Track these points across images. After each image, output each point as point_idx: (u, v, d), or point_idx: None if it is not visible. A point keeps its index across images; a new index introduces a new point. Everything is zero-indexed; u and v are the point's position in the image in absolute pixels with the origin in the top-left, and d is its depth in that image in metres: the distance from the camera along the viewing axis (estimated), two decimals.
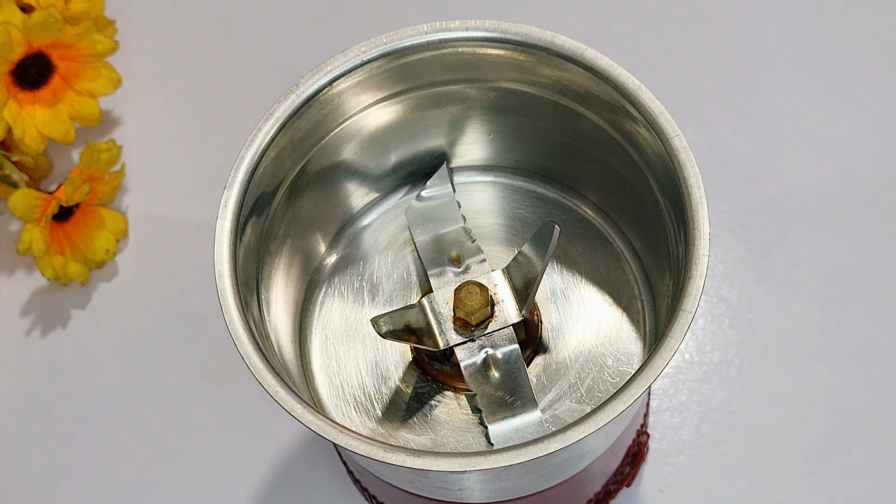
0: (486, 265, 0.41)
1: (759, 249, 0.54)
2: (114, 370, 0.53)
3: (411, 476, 0.39)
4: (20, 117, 0.52)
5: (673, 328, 0.35)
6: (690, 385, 0.51)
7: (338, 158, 0.42)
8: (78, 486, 0.51)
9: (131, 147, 0.57)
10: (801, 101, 0.56)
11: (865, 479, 0.49)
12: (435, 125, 0.43)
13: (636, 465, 0.48)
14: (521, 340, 0.40)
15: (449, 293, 0.39)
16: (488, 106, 0.42)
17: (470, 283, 0.39)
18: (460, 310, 0.39)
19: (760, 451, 0.50)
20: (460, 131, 0.44)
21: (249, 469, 0.51)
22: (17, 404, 0.53)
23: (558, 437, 0.34)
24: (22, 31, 0.51)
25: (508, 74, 0.41)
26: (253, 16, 0.60)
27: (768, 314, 0.52)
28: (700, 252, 0.36)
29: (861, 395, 0.51)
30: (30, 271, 0.55)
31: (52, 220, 0.52)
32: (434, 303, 0.40)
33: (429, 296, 0.40)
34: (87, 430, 0.52)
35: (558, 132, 0.42)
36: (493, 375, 0.39)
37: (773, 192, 0.55)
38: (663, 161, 0.38)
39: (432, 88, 0.42)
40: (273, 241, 0.41)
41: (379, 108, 0.42)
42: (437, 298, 0.40)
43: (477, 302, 0.39)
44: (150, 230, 0.56)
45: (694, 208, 0.37)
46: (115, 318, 0.54)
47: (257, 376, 0.36)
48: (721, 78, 0.57)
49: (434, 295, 0.40)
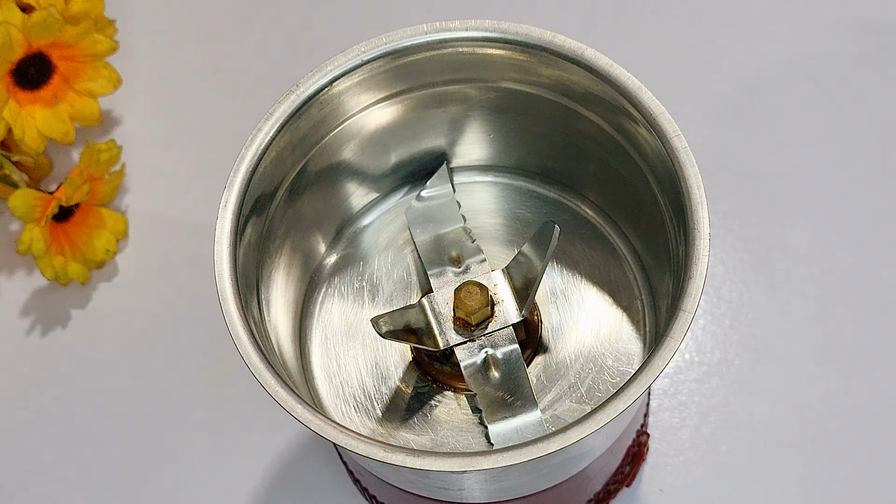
0: (486, 265, 0.41)
1: (759, 249, 0.54)
2: (114, 370, 0.53)
3: (411, 476, 0.39)
4: (20, 117, 0.52)
5: (673, 328, 0.35)
6: (690, 385, 0.51)
7: (338, 158, 0.42)
8: (78, 486, 0.51)
9: (131, 147, 0.57)
10: (801, 100, 0.56)
11: (865, 479, 0.49)
12: (435, 125, 0.43)
13: (636, 464, 0.48)
14: (521, 340, 0.40)
15: (449, 293, 0.39)
16: (488, 106, 0.42)
17: (470, 283, 0.39)
18: (460, 310, 0.39)
19: (760, 451, 0.50)
20: (460, 131, 0.44)
21: (249, 469, 0.51)
22: (17, 404, 0.53)
23: (558, 437, 0.34)
24: (22, 30, 0.51)
25: (508, 74, 0.41)
26: (253, 16, 0.60)
27: (768, 314, 0.52)
28: (700, 252, 0.36)
29: (861, 395, 0.51)
30: (30, 271, 0.55)
31: (52, 220, 0.52)
32: (434, 303, 0.40)
33: (429, 296, 0.40)
34: (86, 430, 0.52)
35: (558, 132, 0.42)
36: (493, 375, 0.39)
37: (773, 192, 0.55)
38: (663, 161, 0.38)
39: (432, 88, 0.42)
40: (273, 241, 0.41)
41: (379, 108, 0.42)
42: (437, 298, 0.40)
43: (477, 302, 0.39)
44: (150, 230, 0.56)
45: (694, 208, 0.37)
46: (115, 318, 0.54)
47: (257, 376, 0.36)
48: (721, 78, 0.57)
49: (434, 295, 0.40)
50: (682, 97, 0.56)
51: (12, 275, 0.55)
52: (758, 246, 0.54)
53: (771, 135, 0.56)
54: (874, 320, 0.52)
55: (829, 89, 0.57)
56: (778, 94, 0.57)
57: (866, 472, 0.50)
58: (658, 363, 0.35)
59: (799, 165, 0.55)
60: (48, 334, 0.54)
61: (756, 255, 0.54)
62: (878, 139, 0.55)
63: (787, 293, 0.53)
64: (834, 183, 0.55)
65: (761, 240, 0.54)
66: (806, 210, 0.54)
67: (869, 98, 0.56)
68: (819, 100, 0.56)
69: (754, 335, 0.52)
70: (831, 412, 0.50)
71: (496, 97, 0.42)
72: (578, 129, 0.41)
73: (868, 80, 0.57)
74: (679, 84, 0.57)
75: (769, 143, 0.56)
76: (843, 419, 0.50)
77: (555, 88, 0.40)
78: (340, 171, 0.43)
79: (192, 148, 0.58)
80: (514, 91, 0.41)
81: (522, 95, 0.41)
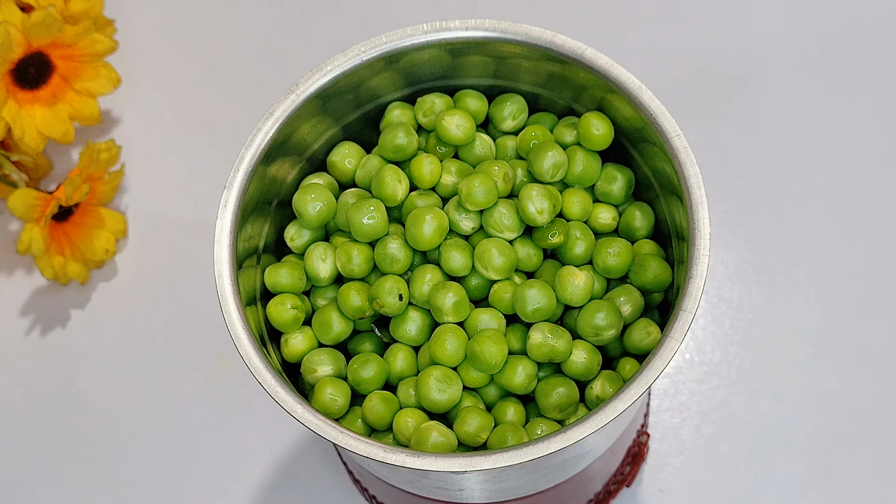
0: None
1: (759, 249, 0.54)
2: (113, 370, 0.53)
3: (411, 476, 0.39)
4: (20, 117, 0.52)
5: (673, 328, 0.35)
6: (690, 385, 0.51)
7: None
8: (78, 486, 0.51)
9: (131, 147, 0.57)
10: (801, 100, 0.56)
11: (865, 478, 0.49)
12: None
13: (636, 465, 0.48)
14: None
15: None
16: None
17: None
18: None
19: (760, 451, 0.50)
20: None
21: (249, 469, 0.51)
22: (16, 404, 0.53)
23: (558, 436, 0.34)
24: (21, 30, 0.50)
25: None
26: (253, 16, 0.60)
27: (768, 314, 0.52)
28: (700, 252, 0.36)
29: (861, 395, 0.51)
30: (29, 271, 0.55)
31: (51, 220, 0.52)
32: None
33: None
34: (86, 430, 0.52)
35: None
36: None
37: (773, 192, 0.55)
38: (664, 161, 0.38)
39: (433, 88, 0.42)
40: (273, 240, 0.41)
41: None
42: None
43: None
44: (150, 230, 0.56)
45: (694, 208, 0.37)
46: (114, 317, 0.54)
47: (257, 376, 0.36)
48: (721, 78, 0.57)
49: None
50: (682, 97, 0.56)
51: (12, 274, 0.55)
52: (758, 246, 0.54)
53: (771, 134, 0.56)
54: (874, 320, 0.52)
55: (829, 89, 0.57)
56: (778, 94, 0.57)
57: (866, 472, 0.50)
58: (658, 363, 0.35)
59: (799, 165, 0.55)
60: (48, 334, 0.54)
61: (756, 255, 0.54)
62: (878, 139, 0.55)
63: (787, 293, 0.53)
64: (834, 183, 0.55)
65: (761, 240, 0.54)
66: (806, 210, 0.54)
67: (870, 99, 0.56)
68: (819, 99, 0.56)
69: (754, 335, 0.52)
70: (831, 412, 0.50)
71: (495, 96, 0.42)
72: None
73: (870, 81, 0.57)
74: (679, 84, 0.57)
75: (769, 143, 0.56)
76: (843, 419, 0.50)
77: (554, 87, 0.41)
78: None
79: (191, 148, 0.58)
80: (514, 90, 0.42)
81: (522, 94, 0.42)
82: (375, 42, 0.39)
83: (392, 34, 0.39)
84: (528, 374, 0.37)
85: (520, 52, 0.39)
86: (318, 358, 0.38)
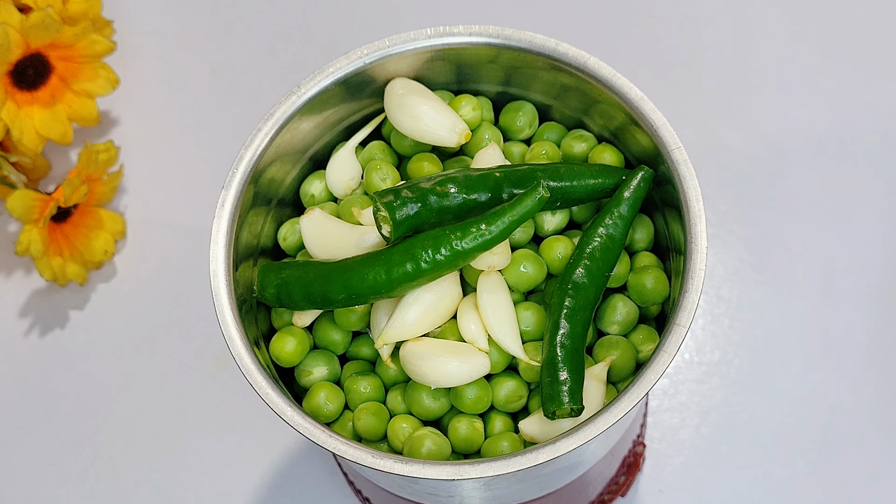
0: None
1: (759, 249, 0.54)
2: (112, 370, 0.53)
3: (402, 482, 0.39)
4: (18, 118, 0.52)
5: (667, 342, 0.35)
6: (690, 385, 0.51)
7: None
8: (77, 486, 0.51)
9: (129, 148, 0.57)
10: (801, 100, 0.56)
11: (865, 478, 0.49)
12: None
13: (631, 475, 0.48)
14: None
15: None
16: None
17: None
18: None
19: (760, 451, 0.50)
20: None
21: (249, 469, 0.51)
22: (16, 404, 0.53)
23: (547, 448, 0.34)
24: (20, 31, 0.50)
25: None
26: (253, 16, 0.60)
27: (768, 314, 0.52)
28: (697, 266, 0.36)
29: (861, 395, 0.51)
30: (28, 272, 0.55)
31: (50, 221, 0.52)
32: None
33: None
34: (86, 431, 0.52)
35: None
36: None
37: (772, 192, 0.55)
38: (664, 172, 0.38)
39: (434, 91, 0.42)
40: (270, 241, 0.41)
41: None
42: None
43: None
44: (149, 231, 0.56)
45: (693, 221, 0.36)
46: (113, 318, 0.54)
47: (248, 377, 0.36)
48: (721, 78, 0.57)
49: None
50: (682, 97, 0.56)
51: (11, 275, 0.55)
52: (758, 246, 0.54)
53: (771, 134, 0.56)
54: (874, 320, 0.52)
55: (829, 88, 0.57)
56: (778, 94, 0.57)
57: (866, 472, 0.50)
58: (650, 377, 0.35)
59: (799, 165, 0.55)
60: (47, 335, 0.54)
61: (756, 255, 0.53)
62: (878, 139, 0.55)
63: (787, 293, 0.53)
64: (834, 183, 0.55)
65: (761, 240, 0.54)
66: (806, 210, 0.54)
67: (869, 96, 0.56)
68: (819, 99, 0.56)
69: (754, 335, 0.52)
70: (831, 412, 0.50)
71: (497, 101, 0.42)
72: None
73: (868, 78, 0.57)
74: (679, 84, 0.57)
75: (769, 143, 0.56)
76: (843, 419, 0.50)
77: (557, 94, 0.41)
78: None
79: (190, 148, 0.57)
80: (515, 95, 0.41)
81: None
82: (378, 45, 0.39)
83: (395, 38, 0.39)
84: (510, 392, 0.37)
85: (524, 59, 0.39)
86: (312, 360, 0.38)
